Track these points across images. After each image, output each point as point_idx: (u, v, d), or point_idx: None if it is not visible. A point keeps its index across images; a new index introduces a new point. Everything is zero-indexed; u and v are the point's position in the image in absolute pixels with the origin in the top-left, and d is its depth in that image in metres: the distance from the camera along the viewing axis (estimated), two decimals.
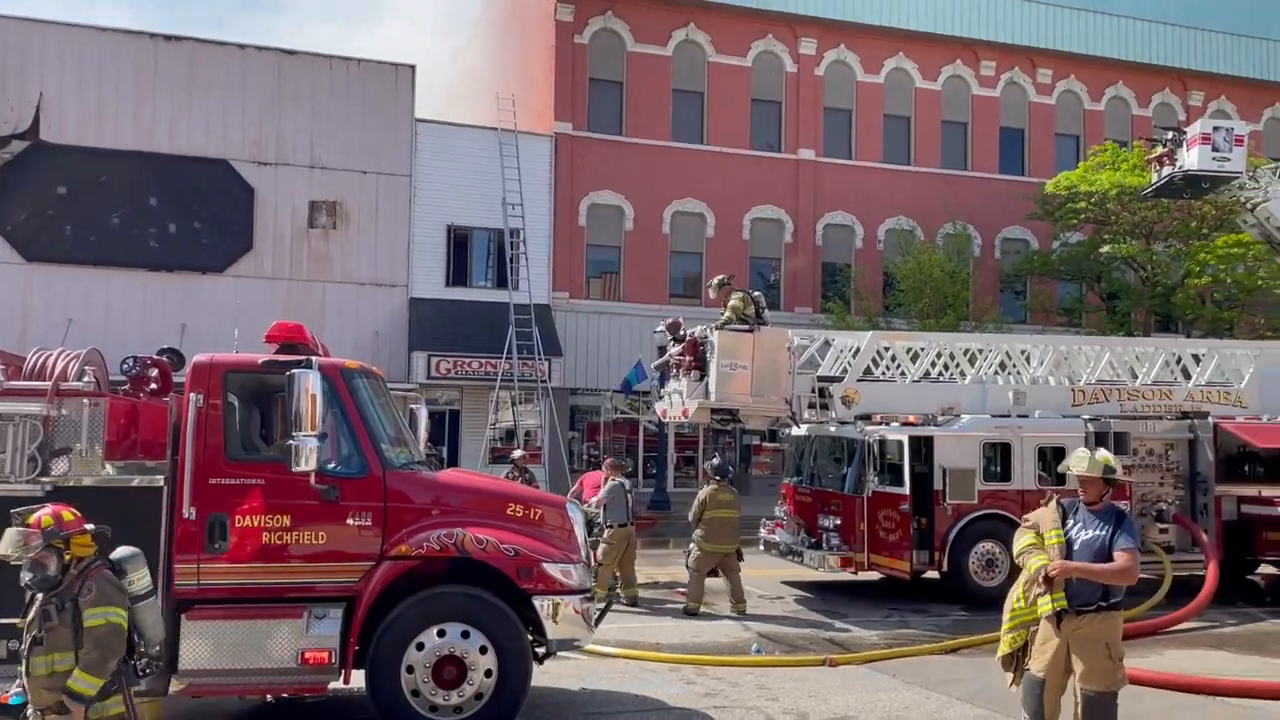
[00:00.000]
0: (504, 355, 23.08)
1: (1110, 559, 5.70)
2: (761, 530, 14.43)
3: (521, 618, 6.96)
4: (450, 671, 6.73)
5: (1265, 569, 14.55)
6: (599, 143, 26.31)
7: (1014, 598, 6.10)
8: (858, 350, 14.13)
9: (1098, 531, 5.80)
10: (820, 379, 13.92)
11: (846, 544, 12.72)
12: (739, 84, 27.57)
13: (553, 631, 6.94)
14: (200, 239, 23.06)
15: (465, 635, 6.76)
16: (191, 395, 6.75)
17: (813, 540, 13.20)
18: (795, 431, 14.38)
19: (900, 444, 12.61)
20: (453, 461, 22.62)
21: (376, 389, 7.48)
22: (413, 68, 24.99)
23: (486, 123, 25.74)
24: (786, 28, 27.93)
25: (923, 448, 12.66)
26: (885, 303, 26.84)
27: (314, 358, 6.87)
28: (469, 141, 25.23)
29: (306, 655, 6.58)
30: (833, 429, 13.55)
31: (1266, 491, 13.33)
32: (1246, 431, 13.59)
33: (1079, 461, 6.05)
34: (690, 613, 11.77)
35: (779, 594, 13.20)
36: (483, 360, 23.50)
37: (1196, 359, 15.18)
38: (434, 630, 6.75)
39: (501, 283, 24.45)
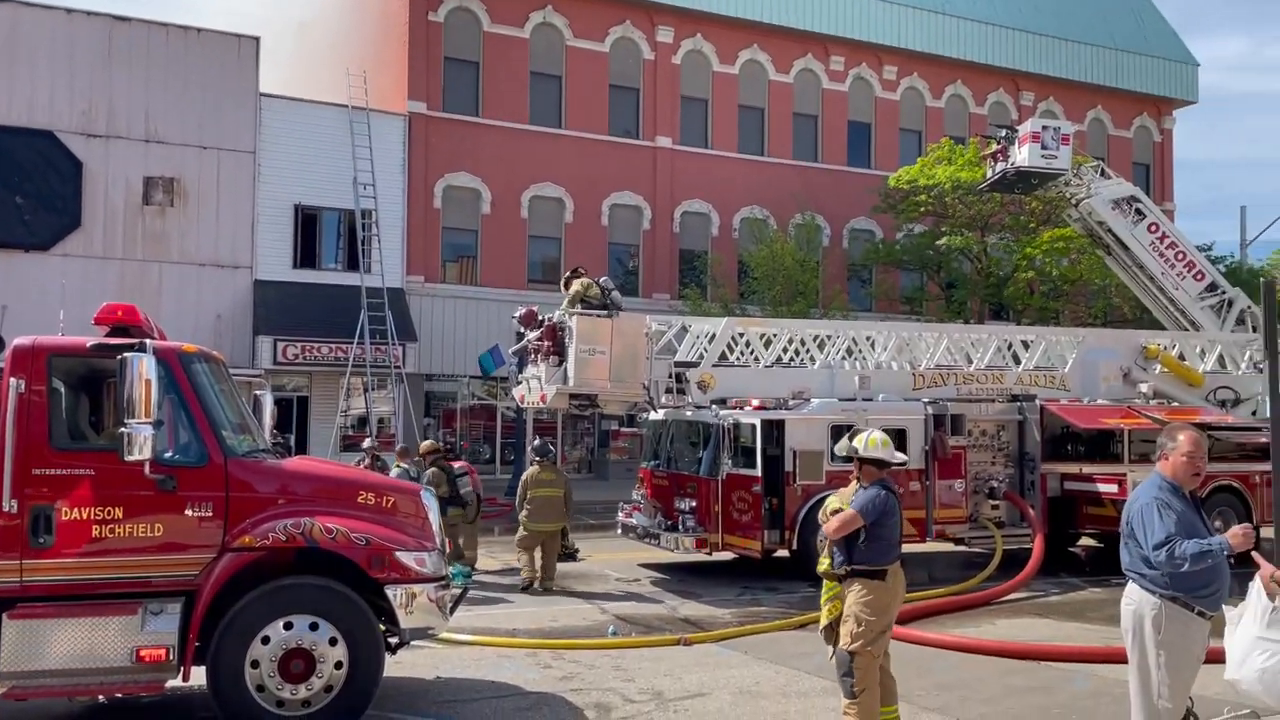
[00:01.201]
0: (355, 340, 22.49)
1: (857, 530, 6.15)
2: (619, 514, 14.54)
3: (374, 607, 6.80)
4: (298, 665, 6.52)
5: (1086, 541, 15.60)
6: (454, 123, 25.88)
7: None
8: (713, 336, 14.39)
9: (849, 505, 6.33)
10: (677, 364, 14.13)
11: (701, 525, 12.94)
12: (597, 69, 27.59)
13: (406, 621, 6.80)
14: (23, 215, 21.53)
15: (314, 627, 6.56)
16: (12, 380, 6.30)
17: (669, 523, 13.37)
18: (653, 416, 14.51)
19: (753, 427, 12.90)
20: (302, 450, 21.89)
21: (217, 374, 7.15)
22: (256, 39, 23.99)
23: (336, 99, 24.91)
24: (644, 15, 28.10)
25: (774, 431, 12.99)
26: (740, 290, 27.45)
27: (148, 341, 6.51)
28: (318, 118, 24.40)
29: (142, 653, 6.25)
30: (689, 413, 13.76)
31: (1087, 469, 14.27)
32: (1069, 413, 14.51)
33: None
34: (525, 588, 12.04)
35: (636, 576, 13.34)
36: (333, 345, 22.83)
37: (1025, 345, 16.11)
38: (280, 623, 6.52)
39: (353, 265, 23.78)
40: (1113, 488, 13.50)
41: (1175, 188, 36.18)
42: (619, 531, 14.50)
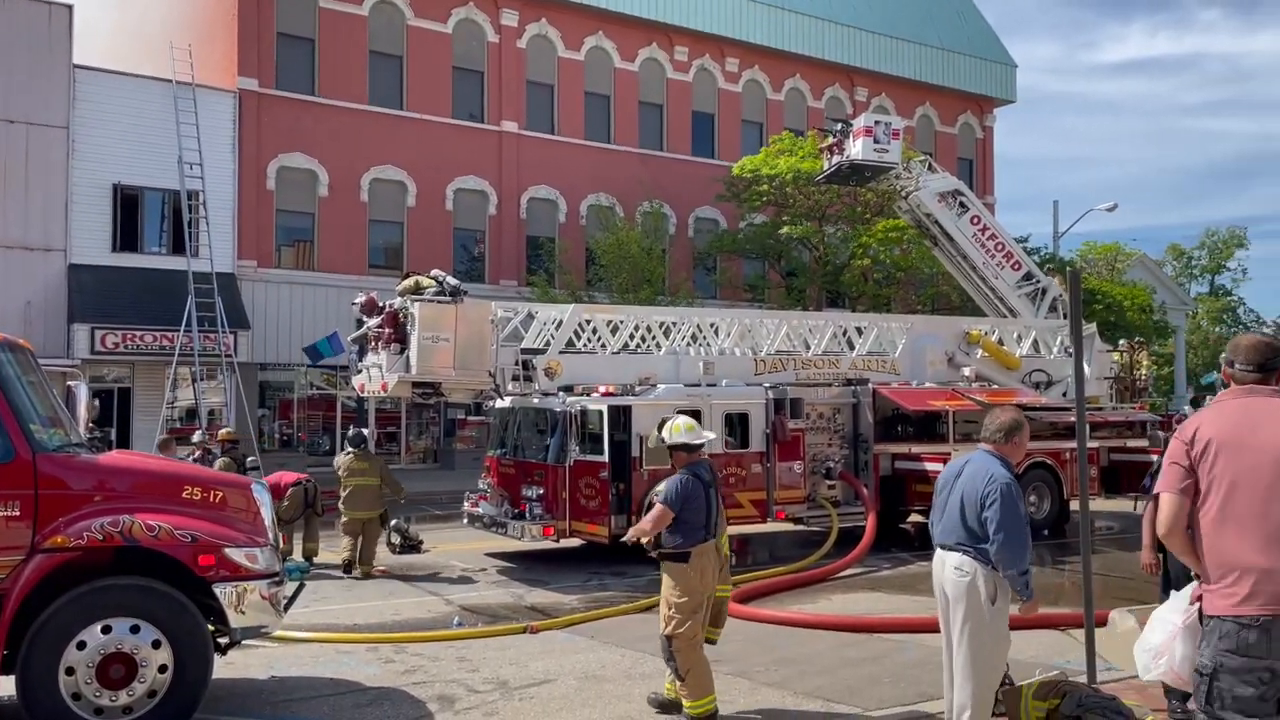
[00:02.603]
0: (182, 328, 21.34)
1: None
2: (465, 504, 14.37)
3: (203, 607, 6.49)
4: (118, 670, 6.14)
5: (915, 518, 16.38)
6: (289, 102, 24.87)
7: None
8: (560, 323, 14.37)
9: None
10: (524, 351, 14.05)
11: (549, 513, 12.91)
12: (440, 50, 27.05)
13: (237, 620, 6.50)
14: None
15: (135, 630, 6.19)
16: None
17: (516, 511, 13.29)
18: (499, 404, 14.40)
19: (600, 413, 12.94)
20: (124, 444, 20.67)
21: (24, 364, 6.65)
22: (69, 7, 22.40)
23: (160, 74, 23.52)
24: None
25: (621, 417, 13.07)
26: (588, 277, 27.48)
27: None
28: (139, 93, 23.00)
29: None
30: (536, 400, 13.70)
31: (916, 449, 15.00)
32: (899, 396, 15.20)
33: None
34: (345, 568, 12.26)
35: (482, 566, 13.20)
36: (157, 333, 21.62)
37: (859, 331, 16.77)
38: (98, 627, 6.13)
39: (179, 248, 22.56)
40: (939, 466, 14.16)
41: (995, 182, 38.29)
42: (465, 521, 14.33)
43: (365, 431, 13.50)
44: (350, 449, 12.92)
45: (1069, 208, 78.91)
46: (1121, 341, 21.03)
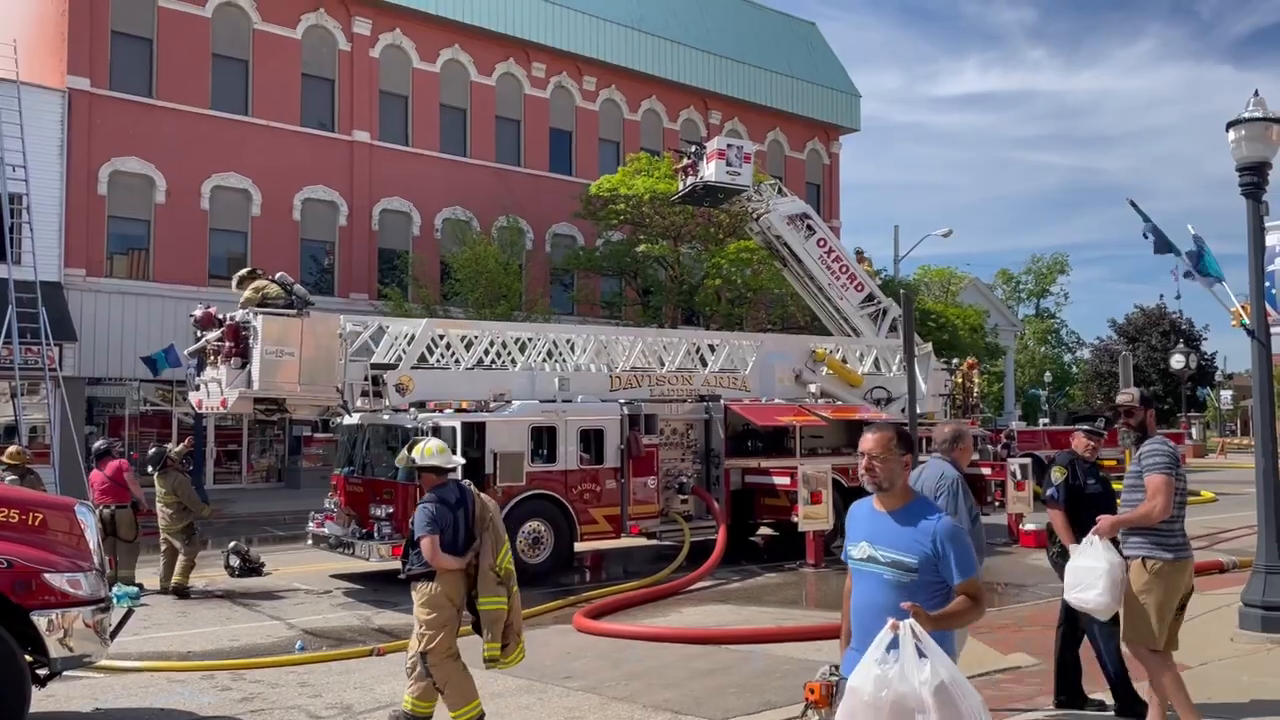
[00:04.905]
0: (1, 339, 19.90)
1: (415, 537, 6.43)
2: (310, 524, 13.89)
3: (22, 636, 6.07)
4: None
5: (763, 531, 16.81)
6: (124, 103, 23.64)
7: None
8: (413, 337, 14.12)
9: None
10: (374, 366, 13.73)
11: (399, 532, 12.58)
12: (288, 56, 26.26)
13: (57, 649, 6.13)
14: None
15: None
16: None
17: (364, 531, 12.94)
18: (347, 421, 14.01)
19: (453, 430, 12.76)
20: None
21: None
22: None
23: None
24: (339, 4, 27.13)
25: (475, 433, 12.93)
26: (443, 291, 27.07)
27: None
28: None
29: None
30: (386, 417, 13.40)
31: (765, 464, 15.39)
32: (749, 412, 15.59)
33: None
34: (177, 592, 12.07)
35: (328, 588, 12.80)
36: None
37: (712, 349, 17.12)
38: None
39: None
40: (786, 480, 14.62)
41: (841, 207, 39.79)
42: (310, 542, 13.87)
43: (166, 448, 13.01)
44: (150, 469, 12.59)
45: (909, 232, 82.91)
46: (955, 360, 22.13)
